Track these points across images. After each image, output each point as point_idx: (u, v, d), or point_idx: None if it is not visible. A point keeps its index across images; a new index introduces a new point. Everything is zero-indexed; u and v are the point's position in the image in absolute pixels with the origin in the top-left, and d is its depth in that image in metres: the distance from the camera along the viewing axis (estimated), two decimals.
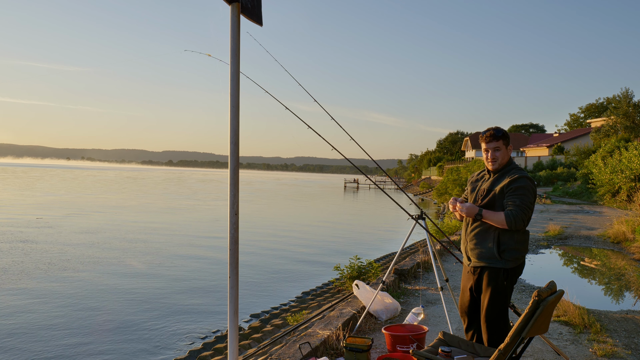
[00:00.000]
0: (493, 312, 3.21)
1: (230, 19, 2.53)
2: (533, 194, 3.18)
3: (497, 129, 3.33)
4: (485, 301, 3.24)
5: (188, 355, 6.78)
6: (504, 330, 3.20)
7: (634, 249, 10.33)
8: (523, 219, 3.10)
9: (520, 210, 3.09)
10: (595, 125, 47.44)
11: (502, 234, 3.19)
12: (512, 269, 3.21)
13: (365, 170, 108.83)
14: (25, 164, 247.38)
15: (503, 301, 3.23)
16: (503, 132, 3.33)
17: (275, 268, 12.77)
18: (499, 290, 3.20)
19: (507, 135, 3.34)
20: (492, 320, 3.22)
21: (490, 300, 3.21)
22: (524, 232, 3.25)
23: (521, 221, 3.09)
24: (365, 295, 5.33)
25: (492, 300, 3.20)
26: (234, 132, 2.55)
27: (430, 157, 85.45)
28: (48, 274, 11.12)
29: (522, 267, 3.30)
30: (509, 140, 3.33)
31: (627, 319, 5.45)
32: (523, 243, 3.24)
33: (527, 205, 3.12)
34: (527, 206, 3.12)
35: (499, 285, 3.19)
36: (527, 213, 3.12)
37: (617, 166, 20.89)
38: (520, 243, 3.22)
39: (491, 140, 3.30)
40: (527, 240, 3.27)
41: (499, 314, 3.23)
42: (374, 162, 5.47)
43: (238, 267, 2.58)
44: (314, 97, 4.88)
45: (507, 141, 3.32)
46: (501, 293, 3.20)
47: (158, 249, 14.85)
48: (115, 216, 23.50)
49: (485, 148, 3.34)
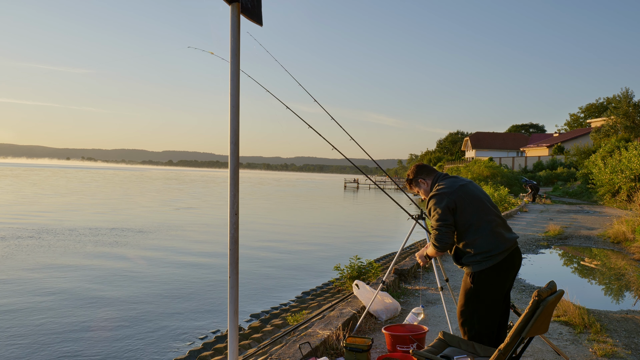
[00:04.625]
0: (463, 313, 3.28)
1: (230, 19, 2.53)
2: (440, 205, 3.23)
3: (408, 175, 3.58)
4: (459, 300, 3.36)
5: (188, 355, 6.78)
6: (477, 329, 3.23)
7: (634, 249, 10.33)
8: (441, 237, 3.22)
9: (434, 236, 3.25)
10: (595, 125, 47.44)
11: (456, 244, 3.33)
12: (480, 271, 3.20)
13: (365, 170, 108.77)
14: (24, 164, 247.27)
15: (473, 301, 3.24)
16: (409, 178, 3.58)
17: (275, 268, 12.77)
18: (467, 290, 3.27)
19: (415, 175, 3.54)
20: (464, 321, 3.28)
21: (460, 300, 3.32)
22: (474, 235, 3.21)
23: (441, 240, 3.23)
24: (365, 295, 5.33)
25: (462, 300, 3.31)
26: (234, 132, 2.55)
27: (431, 157, 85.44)
28: (48, 271, 11.12)
29: (497, 267, 3.20)
30: (417, 176, 3.53)
31: (627, 319, 5.45)
32: (476, 246, 3.20)
33: (439, 223, 3.22)
34: (440, 224, 3.21)
35: (467, 286, 3.27)
36: (441, 231, 3.21)
37: (617, 166, 20.90)
38: (473, 246, 3.21)
39: (409, 187, 3.61)
40: (480, 241, 3.20)
41: (471, 314, 3.25)
42: (374, 162, 5.47)
43: (238, 267, 2.58)
44: (314, 97, 4.89)
45: (416, 180, 3.53)
46: (468, 293, 3.25)
47: (158, 249, 14.86)
48: (117, 215, 23.51)
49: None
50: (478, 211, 3.25)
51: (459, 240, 3.28)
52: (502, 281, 3.25)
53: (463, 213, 3.23)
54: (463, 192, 3.28)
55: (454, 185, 3.31)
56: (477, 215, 3.23)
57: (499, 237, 3.23)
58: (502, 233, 3.26)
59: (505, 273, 3.24)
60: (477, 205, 3.27)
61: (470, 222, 3.22)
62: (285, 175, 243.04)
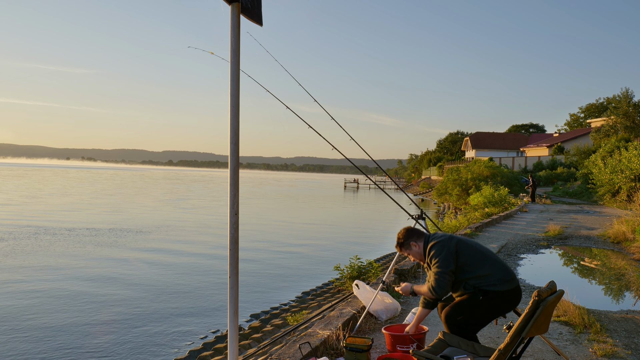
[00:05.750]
0: (452, 316, 3.31)
1: (230, 19, 2.53)
2: (441, 253, 3.33)
3: (398, 238, 3.62)
4: (454, 303, 3.37)
5: (188, 355, 6.78)
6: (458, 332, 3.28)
7: (634, 249, 10.33)
8: (442, 284, 3.30)
9: (435, 281, 3.32)
10: (595, 125, 47.43)
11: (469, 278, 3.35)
12: (494, 291, 3.25)
13: (365, 170, 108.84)
14: (24, 164, 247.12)
15: (469, 312, 3.26)
16: (399, 241, 3.62)
17: (275, 268, 12.77)
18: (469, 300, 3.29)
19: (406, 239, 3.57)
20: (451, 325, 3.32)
21: (456, 305, 3.34)
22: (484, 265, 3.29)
23: (441, 287, 3.31)
24: (365, 295, 5.32)
25: (458, 306, 3.33)
26: (234, 132, 2.54)
27: (430, 157, 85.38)
28: (48, 271, 11.12)
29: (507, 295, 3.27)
30: (408, 239, 3.56)
31: (627, 319, 5.45)
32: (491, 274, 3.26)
33: (441, 270, 3.30)
34: (441, 271, 3.30)
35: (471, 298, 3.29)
36: (444, 278, 3.29)
37: (617, 166, 20.90)
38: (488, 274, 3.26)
39: (399, 250, 3.66)
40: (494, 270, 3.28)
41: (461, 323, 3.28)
42: (374, 162, 5.47)
43: (238, 267, 2.58)
44: (314, 97, 4.89)
45: (407, 243, 3.56)
46: (469, 303, 3.27)
47: (157, 249, 14.85)
48: (116, 215, 23.51)
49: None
50: (480, 250, 3.39)
51: (471, 274, 3.30)
52: (502, 310, 3.33)
53: (465, 253, 3.34)
54: (458, 238, 3.44)
55: (446, 234, 3.49)
56: (481, 253, 3.37)
57: (507, 268, 3.37)
58: (508, 267, 3.41)
59: (507, 304, 3.33)
60: (477, 246, 3.42)
61: (477, 258, 3.33)
62: (285, 175, 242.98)
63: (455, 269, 3.33)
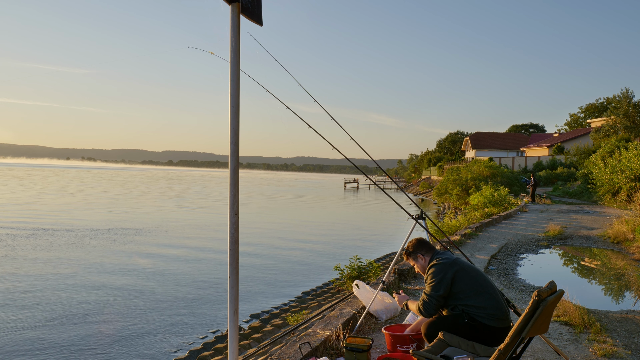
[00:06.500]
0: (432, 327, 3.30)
1: (230, 19, 2.53)
2: (438, 276, 3.33)
3: (407, 247, 3.67)
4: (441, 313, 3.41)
5: (188, 355, 6.78)
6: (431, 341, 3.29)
7: (634, 249, 10.33)
8: (429, 307, 3.34)
9: (423, 302, 3.36)
10: (595, 125, 47.43)
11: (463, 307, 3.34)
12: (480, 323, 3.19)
13: (365, 170, 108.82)
14: (24, 164, 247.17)
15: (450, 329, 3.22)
16: (407, 250, 3.64)
17: (275, 268, 12.77)
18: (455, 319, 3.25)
19: (415, 249, 3.59)
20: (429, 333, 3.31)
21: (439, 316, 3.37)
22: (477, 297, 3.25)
23: (428, 310, 3.34)
24: (365, 295, 5.32)
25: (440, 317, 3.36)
26: (234, 132, 2.54)
27: (430, 157, 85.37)
28: (47, 271, 11.12)
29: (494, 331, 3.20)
30: (416, 251, 3.58)
31: (627, 319, 5.45)
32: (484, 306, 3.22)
33: (432, 294, 3.33)
34: (432, 294, 3.32)
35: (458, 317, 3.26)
36: (432, 302, 3.33)
37: (617, 166, 20.89)
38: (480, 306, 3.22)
39: (406, 258, 3.69)
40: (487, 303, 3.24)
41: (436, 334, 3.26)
42: (374, 162, 5.47)
43: (238, 267, 2.58)
44: (314, 97, 4.88)
45: (415, 254, 3.58)
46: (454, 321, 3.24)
47: (157, 250, 14.85)
48: (116, 215, 23.51)
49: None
50: (479, 282, 3.33)
51: (463, 302, 3.27)
52: (482, 340, 3.19)
53: (462, 282, 3.31)
54: (460, 266, 3.39)
55: (451, 257, 3.46)
56: (479, 285, 3.31)
57: (502, 306, 3.30)
58: (504, 305, 3.34)
59: (490, 338, 3.20)
60: (477, 277, 3.36)
61: (474, 289, 3.29)
62: (285, 175, 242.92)
63: (448, 294, 3.32)
